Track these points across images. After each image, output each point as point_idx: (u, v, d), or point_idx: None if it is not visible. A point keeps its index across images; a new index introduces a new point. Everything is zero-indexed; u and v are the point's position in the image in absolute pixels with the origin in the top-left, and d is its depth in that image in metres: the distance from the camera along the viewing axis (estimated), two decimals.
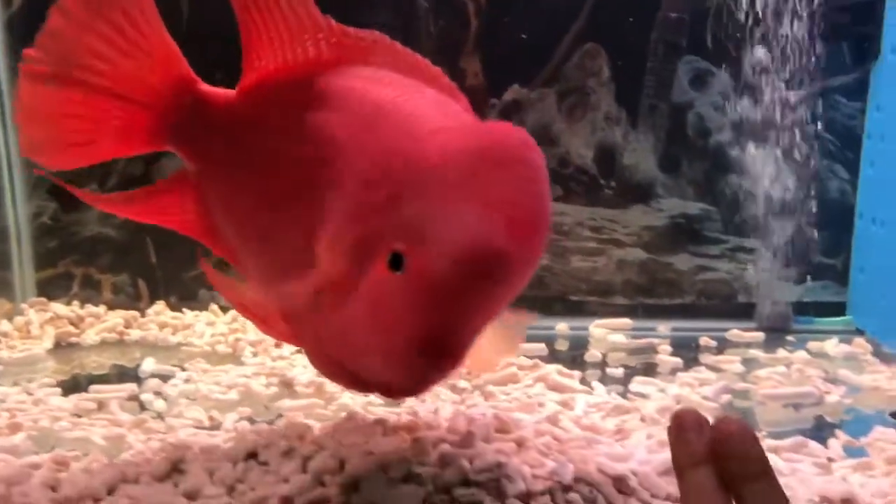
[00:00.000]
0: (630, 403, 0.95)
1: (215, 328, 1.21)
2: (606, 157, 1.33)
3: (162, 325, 1.24)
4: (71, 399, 0.96)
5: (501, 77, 1.29)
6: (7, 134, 1.27)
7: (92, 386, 1.00)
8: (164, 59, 0.74)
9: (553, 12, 1.28)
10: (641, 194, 1.33)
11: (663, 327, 1.27)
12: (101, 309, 1.27)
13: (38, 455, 0.79)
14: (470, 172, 0.56)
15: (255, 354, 1.13)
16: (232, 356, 1.13)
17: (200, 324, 1.23)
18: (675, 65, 1.30)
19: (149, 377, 1.04)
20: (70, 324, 1.23)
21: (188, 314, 1.27)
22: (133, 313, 1.26)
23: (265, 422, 0.90)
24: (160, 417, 0.92)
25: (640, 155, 1.33)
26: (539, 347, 1.14)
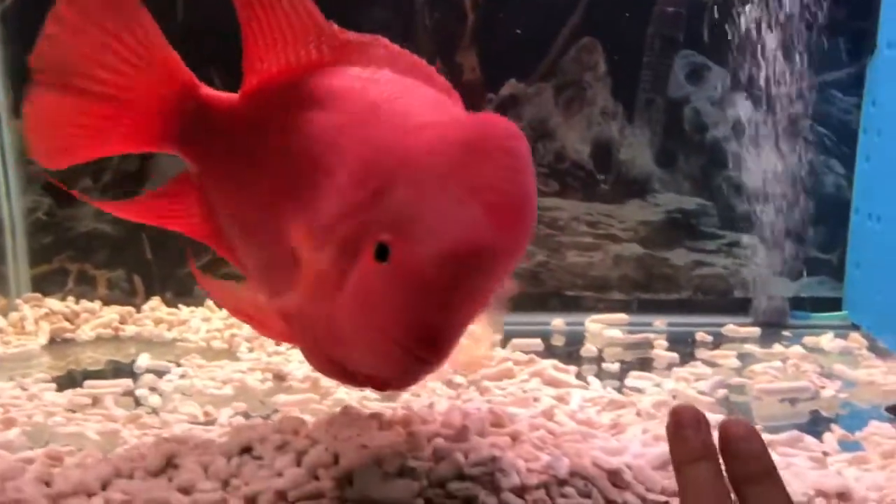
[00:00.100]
0: (626, 398, 0.95)
1: (211, 324, 1.21)
2: (603, 152, 1.32)
3: (157, 321, 1.24)
4: (65, 394, 0.96)
5: (498, 72, 1.29)
6: (0, 129, 1.27)
7: (87, 381, 0.99)
8: (164, 67, 0.74)
9: (549, 6, 1.28)
10: (638, 189, 1.33)
11: (659, 322, 1.27)
12: (97, 305, 1.27)
13: (32, 450, 0.79)
14: (453, 162, 0.56)
15: (251, 350, 1.13)
16: (227, 352, 1.13)
17: (196, 319, 1.23)
18: (672, 59, 1.30)
19: (144, 373, 1.04)
20: (65, 319, 1.23)
21: (184, 310, 1.27)
22: (128, 309, 1.26)
23: (260, 417, 0.90)
24: (155, 413, 0.92)
25: (637, 150, 1.33)
26: (535, 343, 1.14)
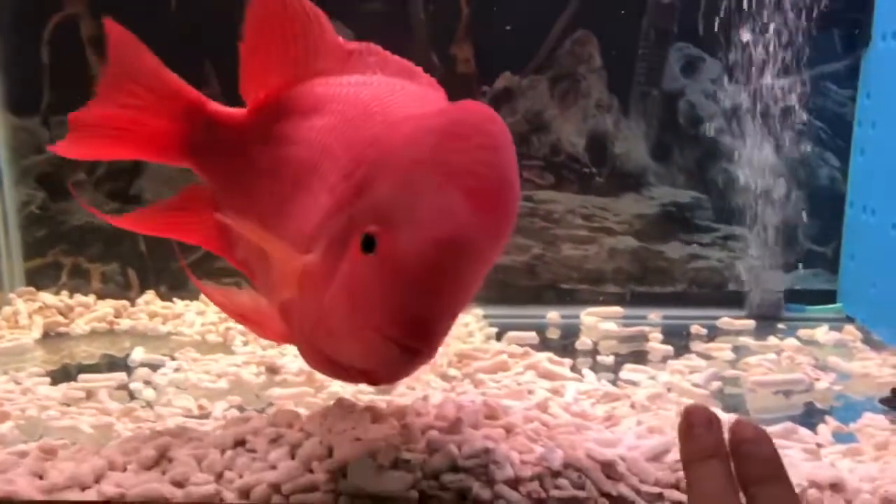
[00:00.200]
0: (620, 391, 0.95)
1: (205, 317, 1.21)
2: (598, 145, 1.32)
3: (152, 315, 1.24)
4: (60, 388, 0.96)
5: (493, 64, 1.29)
6: None
7: (81, 375, 0.99)
8: (167, 87, 0.80)
9: None
10: (633, 182, 1.33)
11: (654, 315, 1.27)
12: (91, 298, 1.27)
13: (26, 444, 0.79)
14: (431, 150, 0.57)
15: (246, 344, 1.12)
16: (222, 345, 1.13)
17: (190, 313, 1.23)
18: (667, 51, 1.29)
19: (138, 366, 1.04)
20: (59, 313, 1.22)
21: (178, 304, 1.27)
22: (123, 303, 1.26)
23: (255, 410, 0.90)
24: (149, 406, 0.92)
25: (632, 143, 1.32)
26: (530, 335, 1.14)
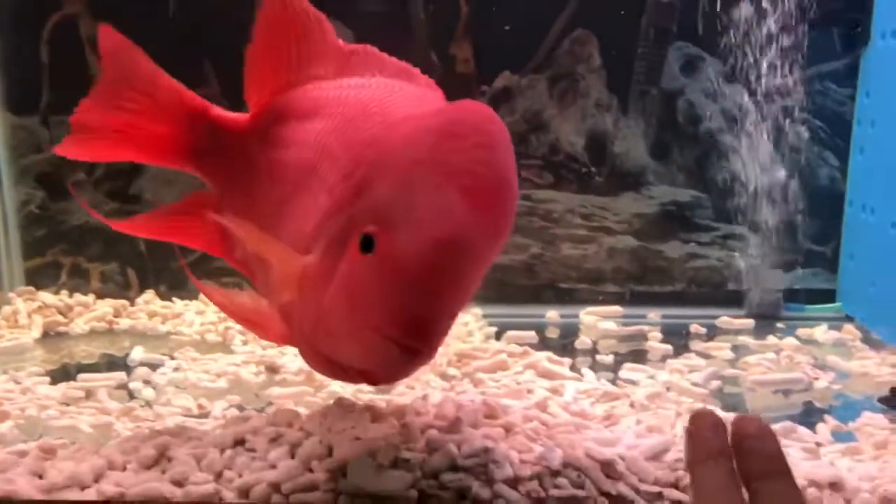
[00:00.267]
0: (620, 390, 0.95)
1: (205, 317, 1.21)
2: (597, 145, 1.32)
3: (151, 314, 1.24)
4: (59, 388, 0.96)
5: (492, 63, 1.29)
6: None
7: (80, 375, 0.99)
8: (170, 94, 0.80)
9: None
10: (632, 182, 1.33)
11: (654, 314, 1.27)
12: (90, 298, 1.27)
13: (26, 443, 0.79)
14: (429, 149, 0.57)
15: (245, 343, 1.12)
16: (221, 345, 1.13)
17: (190, 313, 1.23)
18: (666, 50, 1.29)
19: (138, 366, 1.04)
20: (58, 313, 1.22)
21: (178, 303, 1.27)
22: (122, 302, 1.26)
23: (254, 409, 0.90)
24: (148, 406, 0.92)
25: (631, 142, 1.32)
26: (529, 335, 1.14)
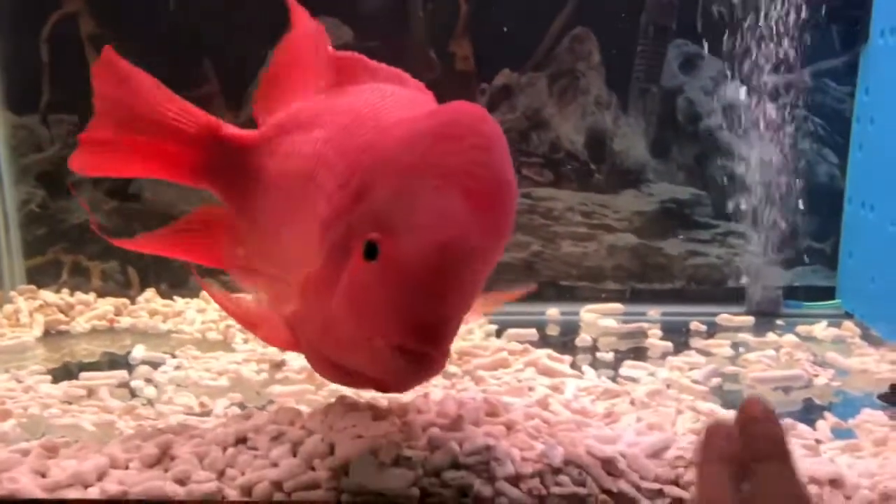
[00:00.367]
0: (620, 387, 0.95)
1: (206, 315, 1.21)
2: (597, 142, 1.32)
3: (152, 313, 1.24)
4: (61, 386, 0.96)
5: (492, 61, 1.29)
6: None
7: (82, 373, 1.00)
8: (180, 113, 0.82)
9: None
10: (632, 179, 1.33)
11: (654, 312, 1.28)
12: (91, 296, 1.27)
13: (28, 442, 0.79)
14: (425, 152, 0.58)
15: (246, 341, 1.12)
16: (223, 343, 1.13)
17: (191, 311, 1.23)
18: (665, 48, 1.29)
19: (139, 364, 1.04)
20: (59, 311, 1.22)
21: (179, 301, 1.27)
22: (123, 301, 1.26)
23: (256, 407, 0.90)
24: (150, 404, 0.92)
25: (631, 140, 1.33)
26: (530, 332, 1.14)
